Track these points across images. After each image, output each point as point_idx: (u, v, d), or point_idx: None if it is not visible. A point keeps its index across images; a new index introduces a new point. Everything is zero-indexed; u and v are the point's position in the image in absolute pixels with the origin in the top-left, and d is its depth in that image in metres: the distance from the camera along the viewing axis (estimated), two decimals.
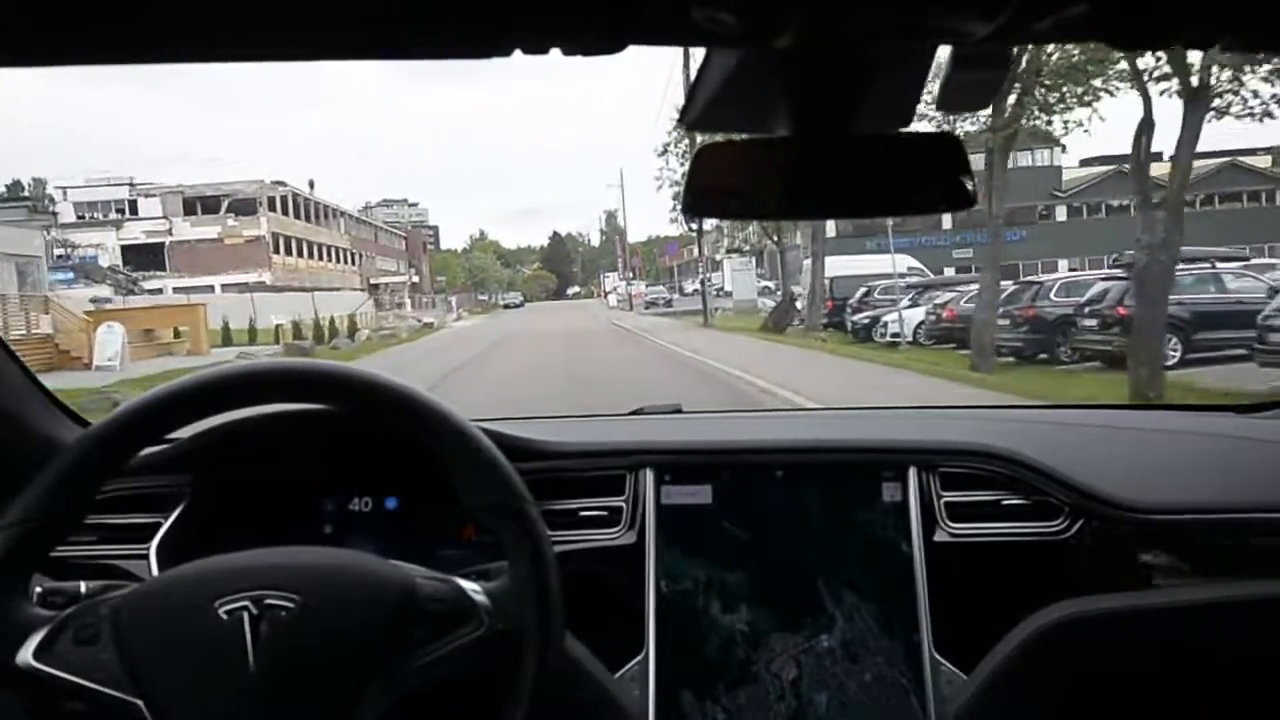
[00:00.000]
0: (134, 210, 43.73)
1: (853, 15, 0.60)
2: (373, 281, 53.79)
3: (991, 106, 9.52)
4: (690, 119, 0.77)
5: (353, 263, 54.44)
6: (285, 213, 44.72)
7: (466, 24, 0.60)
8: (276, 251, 42.59)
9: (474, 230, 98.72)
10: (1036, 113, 11.67)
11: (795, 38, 0.60)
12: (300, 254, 45.47)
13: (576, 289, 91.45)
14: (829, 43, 0.63)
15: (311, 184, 51.50)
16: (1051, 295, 13.51)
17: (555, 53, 0.62)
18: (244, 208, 42.45)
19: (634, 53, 0.64)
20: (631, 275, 60.87)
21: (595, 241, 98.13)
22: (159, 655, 0.88)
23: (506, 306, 63.48)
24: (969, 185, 0.72)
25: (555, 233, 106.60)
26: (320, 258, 48.21)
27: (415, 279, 62.67)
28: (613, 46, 0.62)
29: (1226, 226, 30.38)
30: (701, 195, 0.72)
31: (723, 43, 0.66)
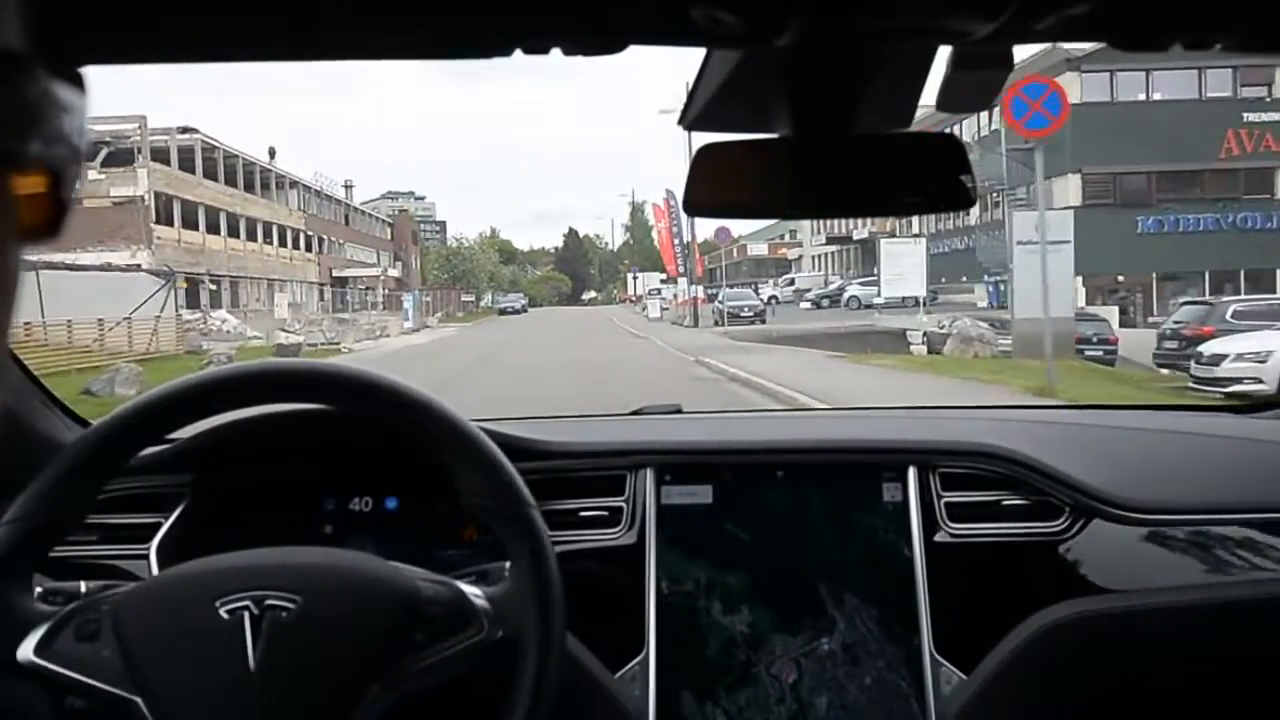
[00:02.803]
0: None
1: (853, 15, 0.60)
2: (337, 274, 44.23)
3: None
4: (690, 119, 0.78)
5: (309, 248, 42.09)
6: (191, 170, 30.86)
7: (467, 24, 0.61)
8: (168, 222, 29.31)
9: (484, 229, 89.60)
10: None
11: (795, 37, 0.60)
12: (213, 229, 31.72)
13: (593, 293, 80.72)
14: (829, 43, 0.63)
15: (272, 152, 39.70)
16: None
17: (556, 53, 0.62)
18: (129, 158, 28.59)
19: (653, 53, 0.64)
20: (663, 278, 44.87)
21: (614, 245, 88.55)
22: (159, 653, 0.88)
23: (503, 312, 50.46)
24: (969, 185, 0.72)
25: (571, 229, 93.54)
26: (249, 238, 34.91)
27: (395, 273, 50.34)
28: (613, 46, 0.62)
29: None
30: (702, 195, 0.72)
31: (723, 43, 0.66)
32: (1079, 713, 1.31)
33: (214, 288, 30.40)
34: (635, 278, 55.69)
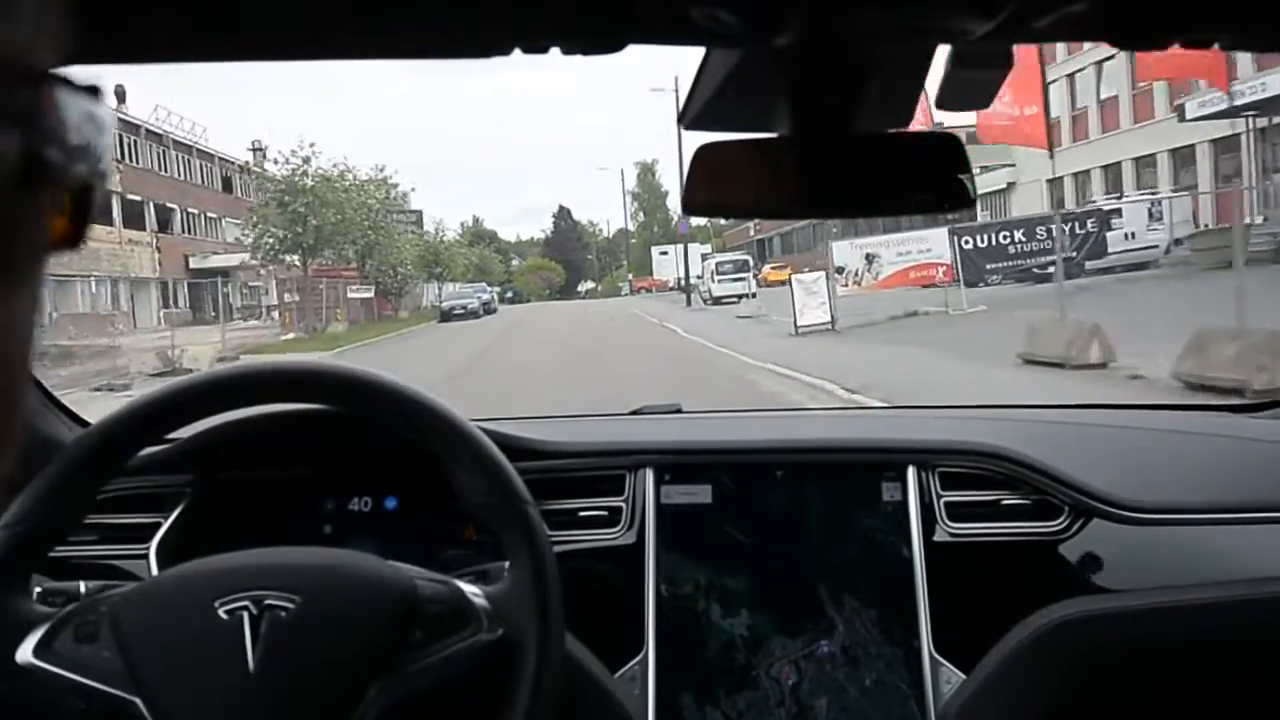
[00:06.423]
0: None
1: (853, 15, 0.60)
2: (197, 265, 29.12)
3: None
4: (690, 119, 0.78)
5: (140, 225, 28.32)
6: None
7: (467, 23, 0.61)
8: None
9: (466, 218, 73.52)
10: None
11: (795, 37, 0.60)
12: None
13: (590, 284, 67.99)
14: (829, 42, 0.63)
15: (120, 93, 25.17)
16: None
17: (555, 52, 0.62)
18: None
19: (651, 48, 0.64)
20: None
21: (610, 232, 74.75)
22: (158, 654, 0.88)
23: (446, 316, 30.26)
24: (968, 184, 0.72)
25: (562, 208, 76.17)
26: None
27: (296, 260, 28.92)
28: (612, 46, 0.62)
29: None
30: (701, 195, 0.72)
31: (722, 42, 0.66)
32: (1079, 713, 1.31)
33: None
34: (664, 253, 37.30)
